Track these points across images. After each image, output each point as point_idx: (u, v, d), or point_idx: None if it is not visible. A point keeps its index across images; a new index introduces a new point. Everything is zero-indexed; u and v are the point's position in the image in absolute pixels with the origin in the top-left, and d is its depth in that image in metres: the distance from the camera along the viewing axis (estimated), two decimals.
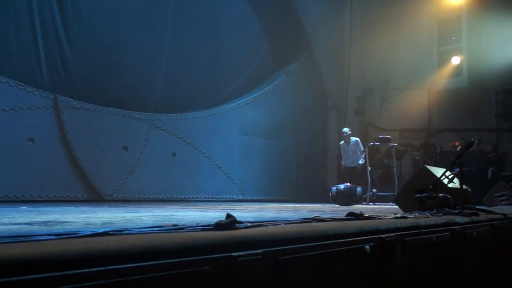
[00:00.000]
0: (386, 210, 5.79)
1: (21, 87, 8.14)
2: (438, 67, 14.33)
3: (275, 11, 13.27)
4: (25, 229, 2.30)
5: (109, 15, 9.69)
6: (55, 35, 8.84)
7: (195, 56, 11.27)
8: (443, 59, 14.21)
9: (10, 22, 8.30)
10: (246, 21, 12.71)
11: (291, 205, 9.20)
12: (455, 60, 13.75)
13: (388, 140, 11.86)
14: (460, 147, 11.84)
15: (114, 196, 9.27)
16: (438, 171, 4.76)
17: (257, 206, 8.10)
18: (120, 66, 9.81)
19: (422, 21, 14.24)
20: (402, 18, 14.18)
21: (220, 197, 11.41)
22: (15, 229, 2.31)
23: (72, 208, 5.65)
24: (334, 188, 9.63)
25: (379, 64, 14.70)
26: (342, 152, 11.64)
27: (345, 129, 11.57)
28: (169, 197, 10.28)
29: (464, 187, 4.69)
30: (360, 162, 11.29)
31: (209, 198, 11.06)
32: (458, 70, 13.91)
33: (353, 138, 11.46)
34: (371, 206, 9.83)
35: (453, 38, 14.33)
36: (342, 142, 11.59)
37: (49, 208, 5.40)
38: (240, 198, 11.82)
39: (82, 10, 9.20)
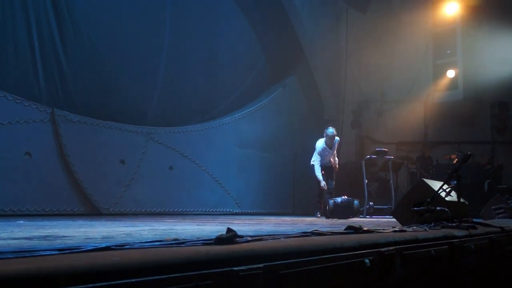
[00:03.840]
0: (384, 223, 5.80)
1: (18, 101, 8.14)
2: (434, 80, 14.41)
3: (272, 25, 13.37)
4: (26, 244, 2.30)
5: (106, 29, 9.74)
6: (52, 49, 8.87)
7: (192, 70, 11.31)
8: (439, 72, 14.30)
9: (7, 35, 8.32)
10: (243, 35, 12.78)
11: (288, 218, 9.18)
12: (451, 73, 13.83)
13: (385, 153, 11.89)
14: (456, 160, 11.88)
15: (111, 210, 9.24)
16: (435, 184, 4.78)
17: (254, 219, 8.09)
18: (117, 80, 9.84)
19: (417, 34, 14.35)
20: (397, 31, 14.29)
21: (217, 210, 11.39)
22: (15, 244, 2.31)
23: (70, 222, 5.63)
24: (331, 202, 9.63)
25: (375, 77, 14.78)
26: (318, 157, 9.99)
27: (332, 130, 10.02)
28: (166, 210, 10.25)
29: (462, 200, 4.71)
30: (336, 160, 10.21)
31: (206, 212, 11.04)
32: (453, 83, 13.99)
33: (336, 138, 10.16)
34: (368, 219, 9.83)
35: (448, 51, 14.43)
36: (323, 145, 10.05)
37: (47, 222, 5.38)
38: (237, 211, 11.80)
39: (80, 24, 9.24)
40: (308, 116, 14.66)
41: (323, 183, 9.94)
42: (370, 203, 11.17)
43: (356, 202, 9.75)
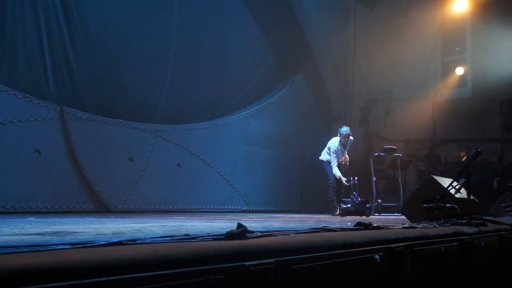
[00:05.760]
0: (393, 220, 5.79)
1: (28, 99, 8.18)
2: (442, 78, 14.35)
3: (279, 23, 13.35)
4: (38, 239, 2.32)
5: (115, 28, 9.78)
6: (61, 47, 8.92)
7: (200, 68, 11.33)
8: (447, 69, 14.23)
9: (17, 35, 8.38)
10: (251, 33, 12.79)
11: (296, 215, 9.19)
12: (459, 71, 13.76)
13: (393, 150, 11.84)
14: (465, 157, 11.81)
15: (119, 207, 9.28)
16: (444, 181, 4.77)
17: (263, 216, 8.10)
18: (126, 78, 9.88)
19: (426, 32, 14.29)
20: (406, 29, 14.24)
21: (225, 207, 11.42)
22: (27, 239, 2.33)
23: (79, 219, 5.66)
24: (342, 205, 9.57)
25: (383, 74, 14.74)
26: (334, 155, 9.69)
27: (346, 129, 9.78)
28: (175, 208, 10.28)
29: (471, 197, 4.69)
30: (346, 157, 10.06)
31: (214, 209, 11.06)
32: (462, 80, 13.92)
33: (350, 137, 9.89)
34: (376, 216, 9.81)
35: (457, 48, 14.36)
36: (338, 145, 9.75)
37: (57, 219, 5.42)
38: (245, 208, 11.82)
39: (89, 23, 9.29)
40: (316, 113, 14.65)
41: (344, 180, 9.76)
42: (379, 200, 11.13)
43: (367, 205, 9.71)
